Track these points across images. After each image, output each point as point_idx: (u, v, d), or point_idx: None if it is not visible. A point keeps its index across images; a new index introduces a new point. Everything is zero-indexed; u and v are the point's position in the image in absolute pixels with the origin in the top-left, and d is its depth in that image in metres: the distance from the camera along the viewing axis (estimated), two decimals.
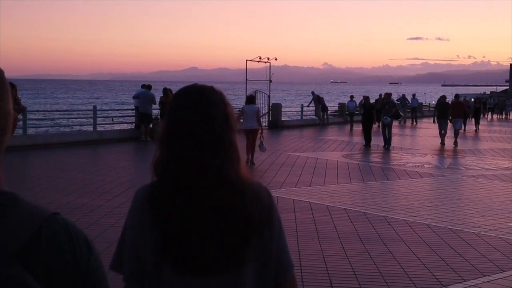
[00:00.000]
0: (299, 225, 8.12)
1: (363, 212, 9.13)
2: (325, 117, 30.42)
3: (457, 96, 22.95)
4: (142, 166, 13.00)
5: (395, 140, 20.54)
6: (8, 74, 1.30)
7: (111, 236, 6.80)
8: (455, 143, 20.81)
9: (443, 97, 21.52)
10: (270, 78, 26.90)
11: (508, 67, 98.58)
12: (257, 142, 14.49)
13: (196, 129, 1.72)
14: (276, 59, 26.77)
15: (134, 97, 21.53)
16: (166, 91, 20.99)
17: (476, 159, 17.20)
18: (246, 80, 26.03)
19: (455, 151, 19.53)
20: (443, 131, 21.07)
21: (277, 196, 10.17)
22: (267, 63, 26.95)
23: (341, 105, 33.93)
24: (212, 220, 1.68)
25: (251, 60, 26.45)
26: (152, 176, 1.76)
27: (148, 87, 20.56)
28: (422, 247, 7.22)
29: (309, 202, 9.85)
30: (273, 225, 1.78)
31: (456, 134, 21.22)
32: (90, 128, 20.64)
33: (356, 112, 29.53)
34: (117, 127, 23.36)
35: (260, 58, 26.55)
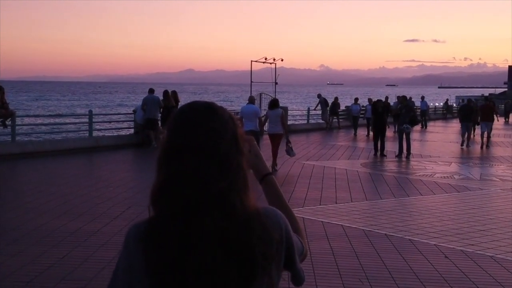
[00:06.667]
0: (338, 259, 6.68)
1: (409, 240, 7.70)
2: (333, 120, 29.11)
3: (486, 98, 22.25)
4: (145, 179, 11.54)
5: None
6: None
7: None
8: (487, 145, 20.65)
9: (469, 100, 20.94)
10: (275, 80, 25.53)
11: (505, 69, 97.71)
12: (284, 147, 13.80)
13: (199, 144, 1.47)
14: (282, 60, 25.42)
15: (135, 110, 19.95)
16: (166, 94, 19.47)
17: (506, 168, 15.79)
18: (251, 82, 24.62)
19: (480, 158, 18.16)
20: (466, 134, 20.72)
21: (303, 217, 8.73)
22: (272, 64, 25.62)
23: (348, 108, 32.61)
24: (212, 252, 1.43)
25: (256, 61, 25.06)
26: (149, 210, 1.49)
27: (151, 91, 18.99)
28: None
29: (342, 225, 8.41)
30: (281, 260, 1.54)
31: (486, 136, 20.85)
32: (86, 134, 19.15)
33: (361, 116, 28.22)
34: (115, 132, 21.84)
35: (265, 59, 25.18)
